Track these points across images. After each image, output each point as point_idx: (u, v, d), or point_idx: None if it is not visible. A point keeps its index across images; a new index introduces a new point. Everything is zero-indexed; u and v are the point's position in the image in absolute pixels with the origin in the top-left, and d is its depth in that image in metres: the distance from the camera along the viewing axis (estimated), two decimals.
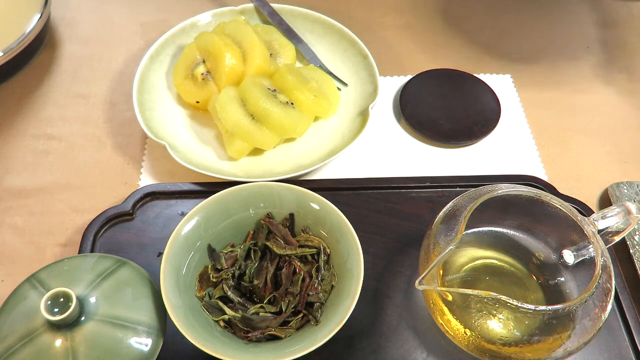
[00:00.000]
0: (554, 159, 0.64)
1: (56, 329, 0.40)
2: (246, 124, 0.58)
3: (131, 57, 0.71)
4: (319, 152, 0.60)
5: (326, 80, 0.64)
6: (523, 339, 0.43)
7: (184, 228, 0.47)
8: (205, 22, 0.69)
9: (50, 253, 0.55)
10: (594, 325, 0.42)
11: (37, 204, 0.58)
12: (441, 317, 0.45)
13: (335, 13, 0.71)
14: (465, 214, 0.44)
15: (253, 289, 0.49)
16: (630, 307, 0.51)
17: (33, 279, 0.43)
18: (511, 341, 0.43)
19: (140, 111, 0.61)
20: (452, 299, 0.44)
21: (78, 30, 0.74)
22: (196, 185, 0.58)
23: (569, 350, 0.42)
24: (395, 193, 0.59)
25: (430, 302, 0.46)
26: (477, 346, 0.44)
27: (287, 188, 0.50)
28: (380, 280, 0.53)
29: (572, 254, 0.48)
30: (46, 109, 0.66)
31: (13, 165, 0.61)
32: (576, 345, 0.42)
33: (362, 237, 0.47)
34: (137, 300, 0.43)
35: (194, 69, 0.63)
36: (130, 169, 0.61)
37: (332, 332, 0.42)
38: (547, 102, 0.69)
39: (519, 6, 0.79)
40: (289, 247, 0.50)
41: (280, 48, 0.66)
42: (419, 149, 0.64)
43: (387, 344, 0.50)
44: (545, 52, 0.74)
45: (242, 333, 0.47)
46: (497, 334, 0.44)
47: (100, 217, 0.55)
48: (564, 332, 0.42)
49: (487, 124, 0.65)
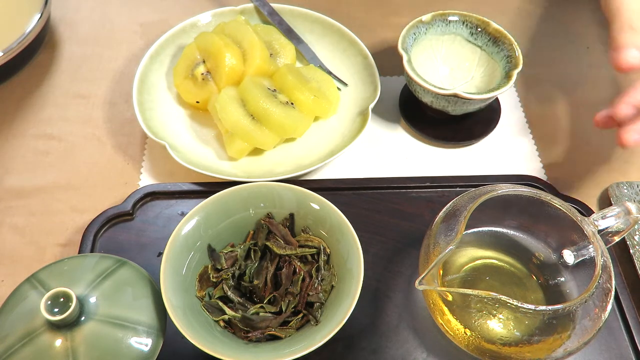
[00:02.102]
0: (554, 159, 0.64)
1: (56, 329, 0.40)
2: (246, 124, 0.58)
3: (131, 57, 0.71)
4: (319, 152, 0.61)
5: (326, 80, 0.64)
6: (523, 339, 0.43)
7: (184, 228, 0.47)
8: (205, 22, 0.69)
9: (50, 253, 0.55)
10: (594, 325, 0.42)
11: (37, 204, 0.58)
12: (441, 317, 0.45)
13: (335, 13, 0.71)
14: (465, 214, 0.44)
15: (253, 289, 0.49)
16: (630, 307, 0.51)
17: (33, 279, 0.43)
18: (511, 341, 0.43)
19: (140, 111, 0.61)
20: (452, 299, 0.44)
21: (78, 30, 0.74)
22: (196, 185, 0.58)
23: (569, 350, 0.42)
24: (395, 193, 0.59)
25: (430, 302, 0.46)
26: (477, 346, 0.44)
27: (287, 188, 0.50)
28: (380, 280, 0.53)
29: (572, 254, 0.48)
30: (46, 109, 0.66)
31: (13, 165, 0.61)
32: (576, 345, 0.42)
33: (362, 237, 0.47)
34: (137, 300, 0.43)
35: (194, 69, 0.63)
36: (130, 169, 0.61)
37: (332, 332, 0.42)
38: (547, 102, 0.69)
39: (519, 6, 0.79)
40: (289, 247, 0.50)
41: (280, 48, 0.66)
42: (419, 149, 0.64)
43: (387, 344, 0.50)
44: (545, 52, 0.74)
45: (242, 333, 0.47)
46: (497, 334, 0.44)
47: (100, 217, 0.55)
48: (564, 332, 0.42)
49: (487, 124, 0.65)
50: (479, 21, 0.64)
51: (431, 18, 0.63)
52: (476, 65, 0.65)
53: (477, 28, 0.64)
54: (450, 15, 0.64)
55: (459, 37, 0.65)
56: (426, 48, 0.65)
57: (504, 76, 0.60)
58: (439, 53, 0.66)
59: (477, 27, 0.64)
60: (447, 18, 0.64)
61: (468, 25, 0.64)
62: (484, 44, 0.64)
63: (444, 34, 0.65)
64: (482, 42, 0.64)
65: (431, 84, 0.58)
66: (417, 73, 0.59)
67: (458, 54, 0.66)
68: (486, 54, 0.64)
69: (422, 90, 0.59)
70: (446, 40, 0.65)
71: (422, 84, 0.58)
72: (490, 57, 0.64)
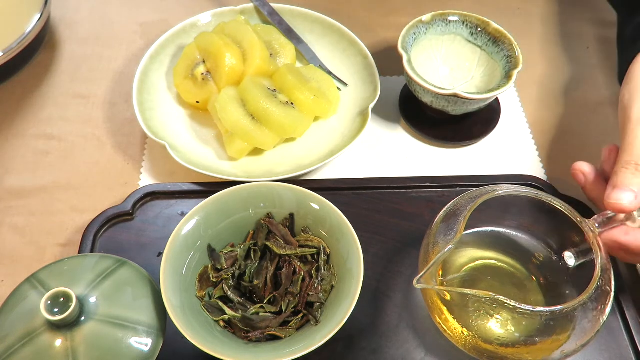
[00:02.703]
0: (554, 159, 0.64)
1: (56, 329, 0.40)
2: (246, 124, 0.58)
3: (131, 57, 0.71)
4: (319, 152, 0.60)
5: (326, 80, 0.64)
6: (521, 340, 0.43)
7: (184, 228, 0.47)
8: (205, 22, 0.69)
9: (50, 253, 0.55)
10: (592, 328, 0.42)
11: (37, 204, 0.58)
12: (439, 317, 0.45)
13: (335, 13, 0.71)
14: (466, 213, 0.44)
15: (253, 289, 0.49)
16: (631, 308, 0.51)
17: (33, 279, 0.43)
18: (508, 342, 0.43)
19: (140, 111, 0.61)
20: (450, 299, 0.44)
21: (78, 30, 0.74)
22: (196, 185, 0.58)
23: (566, 352, 0.42)
24: (395, 193, 0.59)
25: (429, 301, 0.46)
26: (474, 346, 0.44)
27: (287, 188, 0.50)
28: (380, 280, 0.53)
29: (572, 256, 0.48)
30: (46, 109, 0.66)
31: (13, 165, 0.61)
32: (574, 347, 0.42)
33: (362, 237, 0.47)
34: (137, 300, 0.43)
35: (194, 69, 0.63)
36: (130, 169, 0.61)
37: (332, 332, 0.42)
38: (547, 102, 0.69)
39: (519, 6, 0.79)
40: (289, 247, 0.50)
41: (280, 48, 0.66)
42: (419, 149, 0.64)
43: (387, 344, 0.50)
44: (545, 52, 0.74)
45: (242, 333, 0.47)
46: (495, 335, 0.44)
47: (100, 217, 0.55)
48: (562, 334, 0.42)
49: (487, 124, 0.65)
50: (479, 21, 0.64)
51: (431, 18, 0.63)
52: (476, 65, 0.65)
53: (477, 28, 0.64)
54: (450, 15, 0.64)
55: (459, 37, 0.65)
56: (426, 48, 0.65)
57: (504, 76, 0.60)
58: (439, 53, 0.66)
59: (477, 27, 0.64)
60: (447, 18, 0.64)
61: (468, 25, 0.64)
62: (484, 44, 0.64)
63: (444, 34, 0.65)
64: (482, 42, 0.64)
65: (431, 84, 0.58)
66: (417, 73, 0.59)
67: (458, 54, 0.66)
68: (486, 54, 0.64)
69: (422, 90, 0.59)
70: (446, 40, 0.65)
71: (422, 84, 0.58)
72: (490, 57, 0.64)
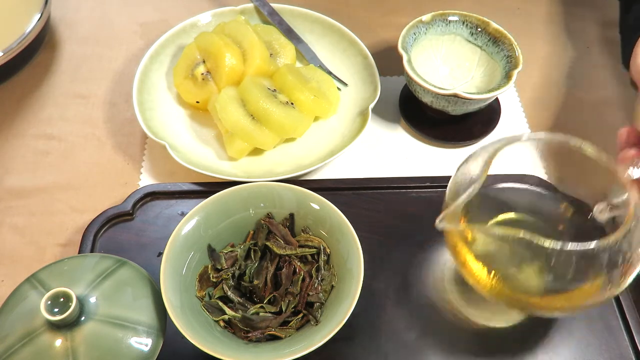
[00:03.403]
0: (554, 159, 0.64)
1: (56, 329, 0.40)
2: (246, 124, 0.58)
3: (131, 57, 0.71)
4: (319, 152, 0.60)
5: (326, 80, 0.64)
6: (553, 286, 0.41)
7: (184, 228, 0.47)
8: (205, 22, 0.69)
9: (50, 253, 0.55)
10: (625, 275, 0.39)
11: (37, 204, 0.58)
12: (462, 262, 0.43)
13: (335, 13, 0.71)
14: (492, 154, 0.42)
15: (253, 289, 0.49)
16: (631, 307, 0.51)
17: (33, 279, 0.43)
18: (537, 290, 0.41)
19: (140, 111, 0.61)
20: (473, 240, 0.42)
21: (78, 30, 0.74)
22: (196, 185, 0.58)
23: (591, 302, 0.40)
24: (395, 193, 0.59)
25: (452, 245, 0.44)
26: (501, 293, 0.42)
27: (287, 188, 0.50)
28: (380, 280, 0.53)
29: (603, 209, 0.45)
30: (46, 109, 0.66)
31: (13, 165, 0.61)
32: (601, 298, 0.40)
33: (362, 237, 0.47)
34: (137, 300, 0.43)
35: (194, 69, 0.63)
36: (130, 169, 0.61)
37: (332, 332, 0.42)
38: (547, 102, 0.69)
39: (519, 6, 0.79)
40: (289, 247, 0.50)
41: (280, 48, 0.66)
42: (419, 149, 0.64)
43: (387, 344, 0.50)
44: (546, 52, 0.74)
45: (242, 333, 0.47)
46: (525, 282, 0.42)
47: (100, 217, 0.55)
48: (592, 280, 0.39)
49: (487, 124, 0.65)
50: (479, 21, 0.64)
51: (431, 18, 0.63)
52: (476, 65, 0.65)
53: (477, 28, 0.64)
54: (450, 15, 0.64)
55: (459, 37, 0.65)
56: (426, 48, 0.65)
57: (504, 76, 0.60)
58: (439, 53, 0.66)
59: (477, 27, 0.64)
60: (447, 18, 0.64)
61: (468, 25, 0.64)
62: (484, 44, 0.64)
63: (444, 34, 0.65)
64: (482, 42, 0.64)
65: (431, 84, 0.58)
66: (417, 73, 0.59)
67: (458, 54, 0.66)
68: (486, 54, 0.64)
69: (422, 90, 0.59)
70: (446, 40, 0.65)
71: (422, 84, 0.58)
72: (490, 57, 0.64)
